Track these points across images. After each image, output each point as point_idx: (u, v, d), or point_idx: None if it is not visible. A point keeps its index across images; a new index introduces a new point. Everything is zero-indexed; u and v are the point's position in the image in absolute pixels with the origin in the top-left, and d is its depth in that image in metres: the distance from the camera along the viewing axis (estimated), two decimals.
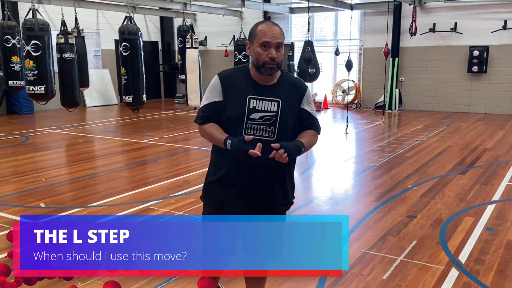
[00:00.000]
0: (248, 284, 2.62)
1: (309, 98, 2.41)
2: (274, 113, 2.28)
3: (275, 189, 2.37)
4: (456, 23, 12.31)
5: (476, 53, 12.05)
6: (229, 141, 2.21)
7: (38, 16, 7.43)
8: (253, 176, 2.31)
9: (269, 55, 2.21)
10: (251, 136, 2.20)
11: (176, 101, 15.40)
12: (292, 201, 2.49)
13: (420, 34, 12.53)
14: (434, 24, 12.55)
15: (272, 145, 2.18)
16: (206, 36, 15.68)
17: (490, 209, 4.68)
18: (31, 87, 7.42)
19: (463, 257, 3.56)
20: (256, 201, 2.34)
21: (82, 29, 9.69)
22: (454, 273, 3.30)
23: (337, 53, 12.50)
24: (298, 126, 2.37)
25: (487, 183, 5.61)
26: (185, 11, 12.61)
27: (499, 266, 3.42)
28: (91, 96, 14.04)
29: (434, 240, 3.90)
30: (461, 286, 3.13)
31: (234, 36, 13.71)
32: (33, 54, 7.32)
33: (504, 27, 11.72)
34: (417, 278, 3.24)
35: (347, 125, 9.57)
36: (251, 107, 2.26)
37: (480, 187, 5.45)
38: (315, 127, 2.43)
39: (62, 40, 8.20)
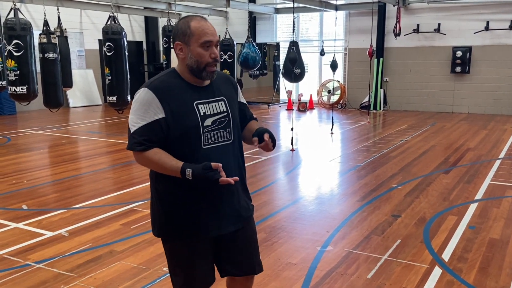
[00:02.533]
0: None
1: (240, 90, 2.26)
2: (226, 113, 2.05)
3: (241, 197, 2.15)
4: (439, 24, 12.46)
5: (459, 53, 12.21)
6: (189, 170, 1.87)
7: (20, 16, 7.32)
8: (223, 190, 2.03)
9: (211, 55, 1.95)
10: (220, 164, 1.90)
11: None
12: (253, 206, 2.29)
13: (404, 35, 12.66)
14: (418, 25, 12.69)
15: (266, 138, 2.04)
16: None
17: (472, 207, 4.74)
18: (13, 88, 7.30)
19: (446, 255, 3.60)
20: (227, 213, 2.09)
21: (65, 29, 9.57)
22: (437, 271, 3.33)
23: (322, 53, 12.55)
24: (240, 120, 2.19)
25: (470, 182, 5.69)
26: (170, 11, 12.54)
27: (481, 264, 3.46)
28: (74, 97, 13.88)
29: (418, 239, 3.94)
30: (444, 284, 3.16)
31: (219, 36, 13.68)
32: (15, 54, 7.20)
33: (487, 28, 11.91)
34: (401, 276, 3.26)
35: (333, 125, 9.62)
36: (201, 113, 1.98)
37: (463, 186, 5.52)
38: (255, 118, 2.32)
39: (45, 40, 8.09)
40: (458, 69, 12.34)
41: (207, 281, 2.16)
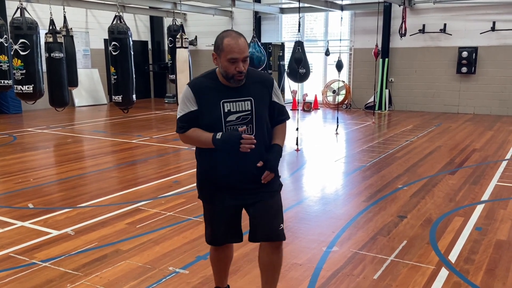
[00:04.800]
0: (262, 274, 2.72)
1: (276, 91, 2.56)
2: (249, 111, 2.43)
3: (259, 177, 2.49)
4: (445, 24, 12.41)
5: (465, 54, 12.15)
6: (219, 133, 2.36)
7: (26, 15, 7.35)
8: (240, 165, 2.45)
9: (237, 69, 2.32)
10: (244, 127, 2.38)
11: (166, 101, 15.33)
12: (281, 182, 2.65)
13: (410, 35, 12.62)
14: (424, 25, 12.64)
15: (258, 165, 2.43)
16: (196, 36, 15.62)
17: (479, 209, 4.72)
18: (19, 87, 7.34)
19: (453, 256, 3.58)
20: (246, 190, 2.51)
21: (71, 28, 9.61)
22: (444, 272, 3.32)
23: (327, 53, 12.51)
24: (270, 117, 2.53)
25: (476, 183, 5.66)
26: (175, 11, 12.56)
27: (488, 265, 3.44)
28: (80, 96, 13.92)
29: (424, 240, 3.92)
30: (451, 285, 3.14)
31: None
32: (21, 53, 7.24)
33: (493, 29, 11.84)
34: (407, 278, 3.25)
35: (338, 126, 9.60)
36: (225, 110, 2.39)
37: (469, 187, 5.49)
38: (284, 117, 2.60)
39: (51, 39, 8.13)
40: (464, 69, 12.28)
41: (227, 240, 2.68)
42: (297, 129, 7.78)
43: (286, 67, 12.10)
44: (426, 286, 3.12)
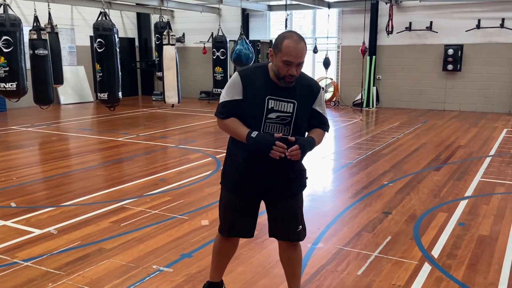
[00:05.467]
0: (284, 269, 2.78)
1: (321, 99, 2.55)
2: (290, 114, 2.43)
3: (291, 175, 2.53)
4: (431, 22, 12.50)
5: (450, 51, 12.26)
6: (255, 132, 2.36)
7: (10, 12, 7.24)
8: (270, 166, 2.45)
9: (289, 72, 2.32)
10: (281, 134, 2.37)
11: (154, 99, 15.23)
12: (306, 183, 2.66)
13: (397, 33, 12.69)
14: (410, 23, 12.73)
15: (289, 138, 2.35)
16: (184, 33, 15.55)
17: (462, 204, 4.76)
18: (2, 84, 7.22)
19: (436, 252, 3.61)
20: (273, 186, 2.53)
21: (56, 25, 9.50)
22: (427, 267, 3.34)
23: (315, 51, 12.56)
24: (309, 123, 2.54)
25: (460, 179, 5.71)
26: (162, 7, 12.47)
27: (470, 260, 3.47)
28: (65, 94, 13.77)
29: (408, 235, 3.95)
30: (434, 280, 3.17)
31: (212, 33, 13.61)
32: (4, 50, 7.13)
33: (478, 26, 11.96)
34: (390, 273, 3.27)
35: None
36: (269, 107, 2.40)
37: (454, 183, 5.54)
38: (324, 127, 2.59)
39: (35, 36, 8.02)
40: (450, 67, 12.39)
41: (240, 233, 2.69)
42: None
43: None
44: (409, 281, 3.15)
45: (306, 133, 2.54)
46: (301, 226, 2.63)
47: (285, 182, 2.54)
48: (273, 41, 2.43)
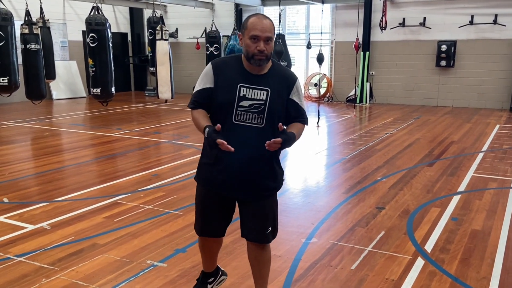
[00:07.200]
0: (251, 269, 2.74)
1: (298, 90, 2.48)
2: (263, 102, 2.37)
3: (263, 173, 2.47)
4: (425, 18, 12.53)
5: (444, 47, 12.30)
6: (207, 129, 2.31)
7: (1, 5, 7.17)
8: (240, 161, 2.39)
9: (257, 48, 2.29)
10: (223, 141, 2.23)
11: (147, 94, 15.16)
12: (281, 184, 2.61)
13: (390, 29, 12.71)
14: (404, 19, 12.75)
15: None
16: (177, 28, 15.47)
17: (455, 199, 4.80)
18: None
19: (429, 246, 3.63)
20: (243, 185, 2.46)
21: (48, 20, 9.43)
22: (420, 262, 3.37)
23: (309, 46, 12.55)
24: (286, 115, 2.46)
25: (453, 175, 5.75)
26: (155, 2, 12.40)
27: (463, 254, 3.50)
28: (58, 89, 13.67)
29: (402, 230, 3.97)
30: (427, 274, 3.19)
31: (205, 28, 13.58)
32: None
33: (471, 22, 12.01)
34: (384, 267, 3.29)
35: (319, 119, 9.63)
36: (241, 94, 2.35)
37: (447, 179, 5.57)
38: (303, 119, 2.51)
39: (27, 31, 7.96)
40: (443, 63, 12.44)
41: (210, 233, 2.64)
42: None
43: None
44: (402, 276, 3.17)
45: (284, 127, 2.44)
46: (271, 228, 2.56)
47: (257, 181, 2.47)
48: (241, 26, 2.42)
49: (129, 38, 16.19)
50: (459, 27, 12.13)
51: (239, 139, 2.33)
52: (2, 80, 7.12)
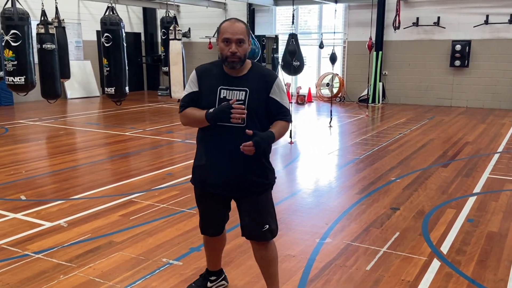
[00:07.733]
0: (260, 269, 2.78)
1: (279, 88, 2.51)
2: (242, 102, 2.43)
3: (252, 171, 2.52)
4: (439, 18, 12.42)
5: (458, 47, 12.18)
6: (211, 110, 2.42)
7: (18, 5, 7.25)
8: (228, 160, 2.48)
9: (229, 50, 2.38)
10: (235, 99, 2.40)
11: (159, 94, 15.25)
12: (273, 182, 2.64)
13: (404, 28, 12.63)
14: (418, 18, 12.65)
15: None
16: (189, 28, 15.53)
17: (471, 201, 4.75)
18: (11, 78, 7.25)
19: (445, 248, 3.61)
20: (234, 183, 2.52)
21: (63, 20, 9.50)
22: (436, 263, 3.34)
23: (321, 46, 12.51)
24: (268, 114, 2.51)
25: (468, 176, 5.69)
26: (168, 2, 12.44)
27: (480, 256, 3.47)
28: (72, 88, 13.81)
29: (417, 231, 3.94)
30: (443, 276, 3.17)
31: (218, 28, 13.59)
32: (13, 44, 7.14)
33: (486, 22, 11.88)
34: (399, 268, 3.27)
35: (331, 118, 9.61)
36: (221, 96, 2.46)
37: (462, 180, 5.53)
38: (285, 117, 2.53)
39: (43, 30, 8.03)
40: (457, 63, 12.32)
41: (209, 231, 2.76)
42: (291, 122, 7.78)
43: (280, 60, 12.07)
44: (419, 277, 3.15)
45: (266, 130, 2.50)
46: (267, 226, 2.59)
47: (248, 178, 2.51)
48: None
49: (142, 38, 16.30)
50: (473, 26, 12.01)
51: (223, 139, 2.46)
52: (19, 79, 7.19)
